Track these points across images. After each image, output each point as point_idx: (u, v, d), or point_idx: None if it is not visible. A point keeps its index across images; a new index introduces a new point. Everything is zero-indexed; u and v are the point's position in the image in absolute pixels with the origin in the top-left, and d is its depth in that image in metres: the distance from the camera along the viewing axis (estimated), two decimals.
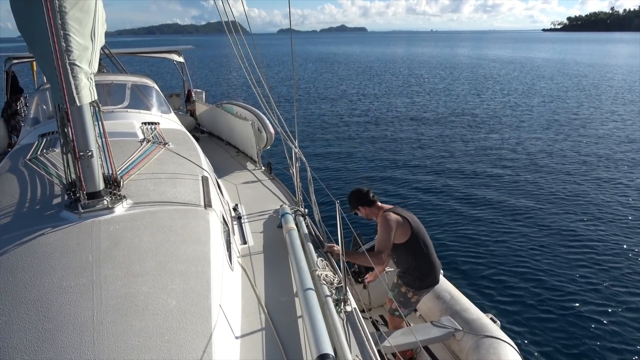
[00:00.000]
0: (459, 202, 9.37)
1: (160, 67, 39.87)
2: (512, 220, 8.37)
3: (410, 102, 22.70)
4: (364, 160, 12.40)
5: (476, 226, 8.21)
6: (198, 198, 2.84)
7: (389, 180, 10.78)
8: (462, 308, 3.71)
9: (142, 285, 2.01)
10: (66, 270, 2.03)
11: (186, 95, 9.29)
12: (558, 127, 16.24)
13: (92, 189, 2.47)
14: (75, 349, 1.70)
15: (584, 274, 6.41)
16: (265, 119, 6.03)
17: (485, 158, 12.49)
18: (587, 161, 11.95)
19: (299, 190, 4.18)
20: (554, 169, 11.34)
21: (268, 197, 4.70)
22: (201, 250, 2.35)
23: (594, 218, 8.34)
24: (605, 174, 10.89)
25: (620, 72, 37.10)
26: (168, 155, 3.53)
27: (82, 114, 2.36)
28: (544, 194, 9.61)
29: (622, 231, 7.75)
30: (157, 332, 1.82)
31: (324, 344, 2.03)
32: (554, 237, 7.63)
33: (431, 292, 3.86)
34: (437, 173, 11.22)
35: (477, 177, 10.90)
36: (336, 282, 2.78)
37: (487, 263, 6.82)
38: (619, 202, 9.10)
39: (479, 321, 3.53)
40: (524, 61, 50.93)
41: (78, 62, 2.31)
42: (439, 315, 3.76)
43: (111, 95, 4.81)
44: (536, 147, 13.51)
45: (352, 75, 37.77)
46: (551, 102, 21.91)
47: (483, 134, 15.45)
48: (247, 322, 2.51)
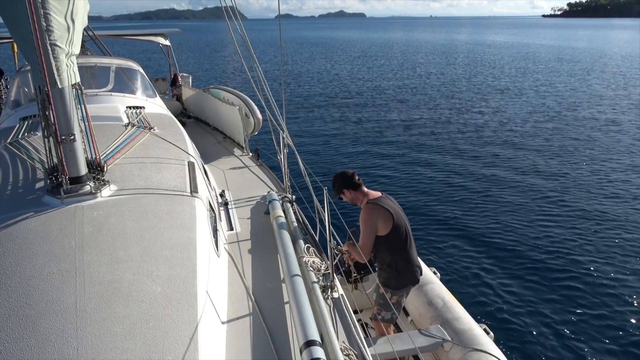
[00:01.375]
0: (459, 192, 9.13)
1: (145, 51, 39.32)
2: (520, 216, 7.97)
3: (403, 87, 22.73)
4: (355, 147, 12.37)
5: (476, 219, 7.86)
6: (184, 184, 2.82)
7: (380, 167, 10.72)
8: (454, 317, 3.50)
9: (126, 272, 1.99)
10: (48, 256, 2.01)
11: (172, 79, 9.17)
12: (551, 114, 16.27)
13: (74, 174, 2.43)
14: (58, 336, 1.68)
15: (597, 292, 5.83)
16: (253, 104, 6.00)
17: (483, 146, 12.39)
18: (591, 155, 11.60)
19: (286, 176, 4.18)
20: (558, 161, 11.06)
21: (255, 183, 4.68)
22: (187, 236, 2.33)
23: (606, 221, 7.79)
24: (609, 164, 10.67)
25: (618, 59, 37.11)
26: (153, 140, 3.48)
27: (63, 97, 2.31)
28: (551, 190, 9.21)
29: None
30: (141, 319, 1.81)
31: (310, 330, 2.05)
32: (568, 242, 7.07)
33: (423, 297, 3.71)
34: (433, 161, 11.11)
35: (476, 165, 10.73)
36: (323, 269, 2.81)
37: (488, 266, 6.40)
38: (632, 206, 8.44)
39: (470, 332, 3.32)
40: (520, 47, 51.07)
41: (59, 43, 2.24)
42: (429, 322, 3.60)
43: (95, 78, 4.73)
44: (529, 137, 13.36)
45: (347, 60, 37.67)
46: (544, 87, 22.06)
47: (476, 120, 15.48)
48: (234, 308, 2.51)
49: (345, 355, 2.10)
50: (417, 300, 3.77)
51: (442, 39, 73.74)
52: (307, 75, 26.96)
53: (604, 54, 41.13)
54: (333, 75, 27.13)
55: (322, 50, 48.44)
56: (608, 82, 23.91)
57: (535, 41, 63.44)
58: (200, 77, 24.93)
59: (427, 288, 3.81)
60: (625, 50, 45.37)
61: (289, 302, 2.47)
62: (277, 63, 34.09)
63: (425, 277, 3.84)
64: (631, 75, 26.73)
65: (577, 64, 32.86)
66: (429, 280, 3.89)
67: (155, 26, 14.39)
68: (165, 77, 9.92)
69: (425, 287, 3.81)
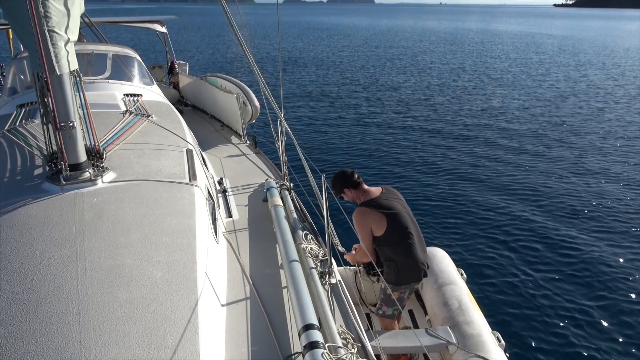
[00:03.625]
0: (474, 186, 8.79)
1: (142, 38, 39.02)
2: (569, 221, 7.46)
3: (408, 75, 22.41)
4: (355, 135, 12.25)
5: (515, 218, 7.45)
6: (183, 171, 2.85)
7: (381, 157, 10.50)
8: (465, 320, 3.42)
9: (126, 257, 2.03)
10: (49, 242, 2.04)
11: (169, 67, 9.14)
12: (555, 108, 15.95)
13: (74, 161, 2.46)
14: (60, 319, 1.73)
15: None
16: (251, 92, 6.01)
17: (494, 134, 12.06)
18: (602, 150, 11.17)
19: (284, 164, 4.22)
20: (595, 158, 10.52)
21: (253, 171, 4.72)
22: (186, 222, 2.37)
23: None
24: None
25: (628, 52, 36.39)
26: (151, 127, 3.51)
27: (62, 83, 2.34)
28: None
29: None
30: (142, 303, 1.85)
31: (309, 314, 2.10)
32: (618, 257, 6.41)
33: (441, 297, 3.65)
34: (440, 151, 10.81)
35: (488, 158, 10.40)
36: (321, 255, 2.87)
37: (521, 272, 6.03)
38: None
39: (478, 338, 3.24)
40: (528, 37, 50.43)
41: (57, 29, 2.26)
42: (441, 322, 3.55)
43: (91, 65, 4.73)
44: (563, 131, 12.74)
45: (350, 47, 37.19)
46: (548, 79, 21.82)
47: (483, 110, 15.24)
48: (233, 293, 2.56)
49: (343, 339, 2.17)
50: (435, 300, 3.72)
51: (451, 27, 72.77)
52: (309, 61, 26.59)
53: (615, 46, 40.55)
54: (335, 62, 26.79)
55: (326, 36, 47.89)
56: (620, 75, 23.65)
57: (544, 31, 62.56)
58: (197, 64, 24.76)
59: (446, 288, 3.74)
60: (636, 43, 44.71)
61: (287, 287, 2.53)
62: (276, 49, 33.89)
63: (449, 277, 3.82)
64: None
65: (585, 56, 32.45)
66: (451, 281, 3.81)
67: (163, 9, 14.15)
68: (162, 65, 9.90)
69: (445, 287, 3.75)
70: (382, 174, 9.59)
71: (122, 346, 1.70)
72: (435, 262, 3.99)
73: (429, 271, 3.52)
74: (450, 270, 3.95)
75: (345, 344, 2.15)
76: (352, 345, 2.17)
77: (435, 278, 3.83)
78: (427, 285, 3.87)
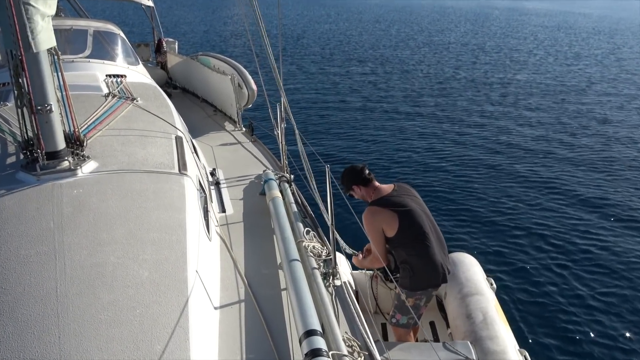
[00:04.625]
0: (493, 175, 8.65)
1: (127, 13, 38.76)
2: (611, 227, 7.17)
3: (421, 57, 22.19)
4: (362, 122, 12.09)
5: (552, 220, 7.18)
6: (171, 160, 2.82)
7: (392, 147, 10.29)
8: (489, 335, 3.33)
9: (110, 255, 2.01)
10: (24, 238, 2.02)
11: (156, 45, 9.05)
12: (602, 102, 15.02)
13: (51, 148, 2.43)
14: (37, 322, 1.70)
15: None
16: (247, 73, 5.94)
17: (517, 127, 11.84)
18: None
19: (284, 153, 4.17)
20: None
21: (249, 161, 4.68)
22: (176, 217, 2.34)
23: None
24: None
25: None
26: (136, 112, 3.48)
27: (38, 62, 2.30)
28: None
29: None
30: (127, 305, 1.83)
31: (311, 319, 2.07)
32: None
33: (464, 309, 3.57)
34: (458, 143, 10.59)
35: (506, 145, 10.33)
36: (324, 254, 2.82)
37: (553, 281, 5.81)
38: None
39: (501, 355, 3.16)
40: (559, 15, 49.55)
41: (33, 2, 2.22)
42: (462, 336, 3.47)
43: (70, 42, 4.68)
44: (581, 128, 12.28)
45: (361, 25, 36.86)
46: (580, 63, 21.42)
47: (507, 96, 14.95)
48: (226, 295, 2.53)
49: (348, 346, 2.13)
50: (457, 311, 3.64)
51: (473, 4, 71.88)
52: (312, 40, 26.37)
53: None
54: (342, 41, 26.51)
55: (333, 13, 47.38)
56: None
57: (577, 10, 61.60)
58: (188, 43, 24.55)
59: (471, 299, 3.64)
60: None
61: (286, 289, 2.49)
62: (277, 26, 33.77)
63: (475, 286, 3.73)
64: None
65: (622, 38, 31.90)
66: (477, 291, 3.71)
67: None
68: (148, 43, 9.81)
69: (470, 297, 3.65)
70: (394, 166, 9.39)
71: (106, 352, 1.67)
72: (461, 269, 3.88)
73: (454, 279, 3.46)
74: (478, 279, 3.83)
75: (351, 352, 2.11)
76: (358, 354, 2.14)
77: (460, 287, 3.73)
78: (451, 294, 3.77)
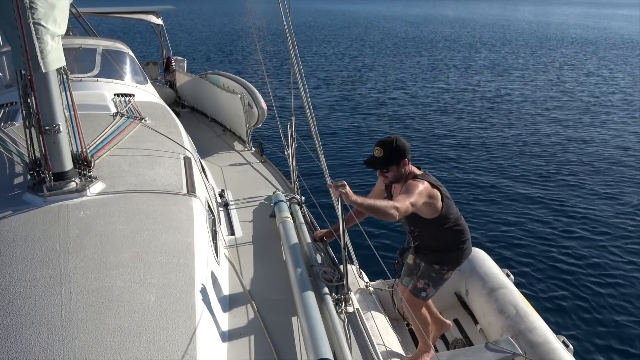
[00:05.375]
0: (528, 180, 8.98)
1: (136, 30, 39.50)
2: (613, 208, 7.73)
3: (442, 72, 21.78)
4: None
5: (555, 208, 7.66)
6: (180, 182, 2.87)
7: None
8: (527, 327, 3.44)
9: (116, 279, 2.04)
10: (30, 261, 2.06)
11: (165, 63, 9.24)
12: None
13: (59, 169, 2.49)
14: (42, 348, 1.73)
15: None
16: (257, 92, 6.03)
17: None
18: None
19: (294, 174, 4.21)
20: None
21: (259, 182, 4.72)
22: (184, 240, 2.38)
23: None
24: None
25: None
26: (145, 131, 3.55)
27: (47, 82, 2.37)
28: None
29: None
30: (134, 331, 1.85)
31: (323, 348, 2.08)
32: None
33: (494, 304, 3.70)
34: (484, 159, 10.71)
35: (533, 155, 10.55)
36: (336, 279, 2.84)
37: (568, 265, 6.21)
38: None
39: (547, 345, 3.27)
40: (593, 30, 49.46)
41: (43, 22, 2.30)
42: (499, 333, 3.55)
43: (79, 61, 4.80)
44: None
45: (371, 39, 36.91)
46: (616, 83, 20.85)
47: (537, 118, 14.49)
48: (235, 322, 2.55)
49: None
50: (487, 307, 3.73)
51: (497, 14, 71.79)
52: (323, 56, 26.50)
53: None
54: (355, 57, 26.59)
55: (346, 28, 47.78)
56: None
57: (612, 24, 60.92)
58: (197, 61, 24.81)
59: (498, 293, 3.76)
60: None
61: (297, 315, 2.51)
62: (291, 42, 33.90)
63: (496, 280, 3.87)
64: None
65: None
66: (500, 285, 3.84)
67: (171, 1, 14.16)
68: (157, 61, 10.01)
69: (496, 292, 3.77)
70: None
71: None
72: (476, 264, 4.00)
73: (473, 275, 3.61)
74: (496, 273, 3.96)
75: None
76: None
77: (483, 283, 3.85)
78: (474, 291, 3.88)
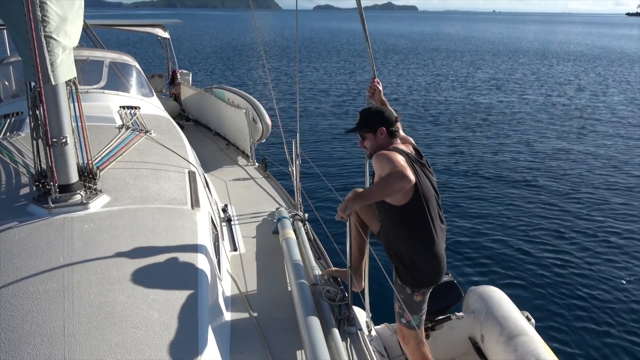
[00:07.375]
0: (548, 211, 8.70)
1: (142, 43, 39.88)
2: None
3: (452, 94, 21.78)
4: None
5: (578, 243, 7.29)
6: (184, 196, 2.88)
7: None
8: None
9: (119, 294, 2.04)
10: (34, 273, 2.06)
11: (170, 76, 9.32)
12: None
13: (64, 181, 2.50)
14: None
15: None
16: (262, 107, 6.07)
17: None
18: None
19: (298, 191, 4.22)
20: None
21: (262, 197, 4.73)
22: (188, 256, 2.38)
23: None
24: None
25: None
26: (150, 145, 3.57)
27: (56, 95, 2.40)
28: None
29: None
30: (136, 347, 1.85)
31: None
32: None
33: (513, 354, 3.26)
34: (489, 178, 10.62)
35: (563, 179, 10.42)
36: (339, 298, 2.84)
37: (593, 311, 5.82)
38: None
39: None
40: (598, 49, 49.90)
41: (55, 35, 2.33)
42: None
43: (86, 73, 4.85)
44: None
45: (386, 58, 37.23)
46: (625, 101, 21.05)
47: (543, 138, 14.52)
48: (237, 339, 2.54)
49: None
50: (504, 357, 3.38)
51: (506, 36, 72.78)
52: (332, 74, 26.84)
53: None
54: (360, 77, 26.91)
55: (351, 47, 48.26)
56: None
57: (617, 44, 61.31)
58: (202, 75, 24.97)
59: (518, 341, 3.35)
60: None
61: (300, 334, 2.50)
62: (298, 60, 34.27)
63: (515, 325, 3.45)
64: None
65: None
66: (520, 330, 3.42)
67: (179, 15, 14.23)
68: (162, 74, 10.10)
69: (515, 339, 3.37)
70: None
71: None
72: (493, 306, 3.63)
73: (489, 319, 3.33)
74: (515, 317, 3.55)
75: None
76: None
77: (500, 328, 3.46)
78: (491, 338, 3.52)
